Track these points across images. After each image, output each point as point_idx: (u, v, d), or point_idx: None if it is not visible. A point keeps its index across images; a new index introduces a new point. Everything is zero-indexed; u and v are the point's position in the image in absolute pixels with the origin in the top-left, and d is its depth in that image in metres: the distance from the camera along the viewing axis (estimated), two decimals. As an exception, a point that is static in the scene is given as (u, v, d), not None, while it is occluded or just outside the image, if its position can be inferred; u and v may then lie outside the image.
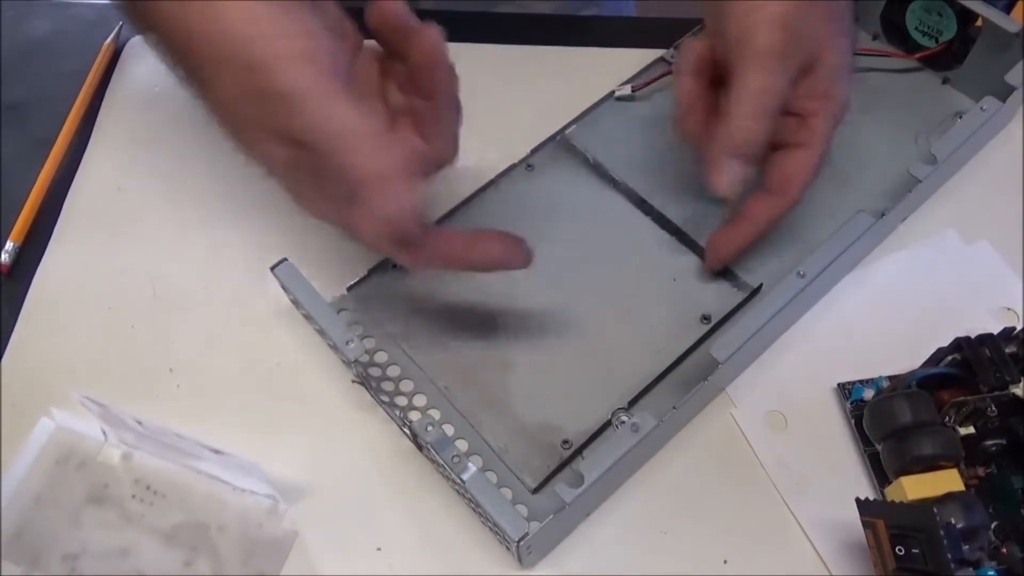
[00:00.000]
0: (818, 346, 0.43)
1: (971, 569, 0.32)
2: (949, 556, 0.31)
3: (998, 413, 0.36)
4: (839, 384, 0.41)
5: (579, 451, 0.40)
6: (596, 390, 0.41)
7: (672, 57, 0.51)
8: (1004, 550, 0.33)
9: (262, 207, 0.47)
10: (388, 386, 0.42)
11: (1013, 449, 0.36)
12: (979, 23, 0.47)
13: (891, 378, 0.41)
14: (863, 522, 0.35)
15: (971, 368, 0.37)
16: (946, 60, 0.50)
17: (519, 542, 0.34)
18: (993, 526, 0.34)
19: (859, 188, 0.46)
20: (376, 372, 0.43)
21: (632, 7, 0.70)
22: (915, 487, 0.35)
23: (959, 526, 0.33)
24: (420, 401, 0.42)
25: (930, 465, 0.36)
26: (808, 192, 0.42)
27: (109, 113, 0.53)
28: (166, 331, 0.45)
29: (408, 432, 0.39)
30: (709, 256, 0.44)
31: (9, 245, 0.48)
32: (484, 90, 0.52)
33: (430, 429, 0.37)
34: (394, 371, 0.43)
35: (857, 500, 0.35)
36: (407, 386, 0.42)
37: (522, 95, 0.52)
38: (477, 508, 0.36)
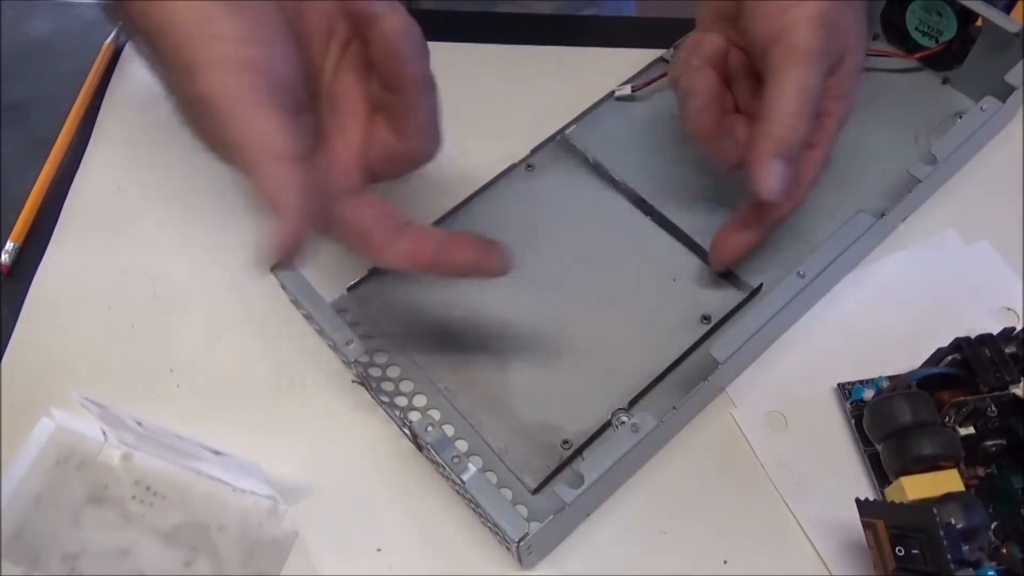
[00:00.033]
0: (818, 346, 0.43)
1: (971, 569, 0.32)
2: (949, 556, 0.31)
3: (998, 413, 0.36)
4: (839, 384, 0.41)
5: (579, 451, 0.40)
6: (596, 390, 0.41)
7: (672, 57, 0.51)
8: (1004, 550, 0.33)
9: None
10: (388, 386, 0.42)
11: (1013, 449, 0.36)
12: (979, 23, 0.47)
13: (891, 378, 0.41)
14: (863, 522, 0.35)
15: (971, 368, 0.37)
16: (946, 60, 0.50)
17: (519, 542, 0.34)
18: (993, 526, 0.34)
19: (859, 188, 0.46)
20: (376, 372, 0.43)
21: (632, 7, 0.70)
22: (915, 487, 0.35)
23: (959, 526, 0.33)
24: (420, 401, 0.42)
25: (930, 465, 0.36)
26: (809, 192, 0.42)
27: (109, 113, 0.53)
28: (166, 331, 0.45)
29: (408, 432, 0.39)
30: (714, 257, 0.43)
31: (9, 245, 0.48)
32: (484, 90, 0.53)
33: (430, 429, 0.37)
34: (394, 371, 0.43)
35: (857, 500, 0.35)
36: (407, 386, 0.42)
37: (522, 95, 0.52)
38: (477, 508, 0.36)
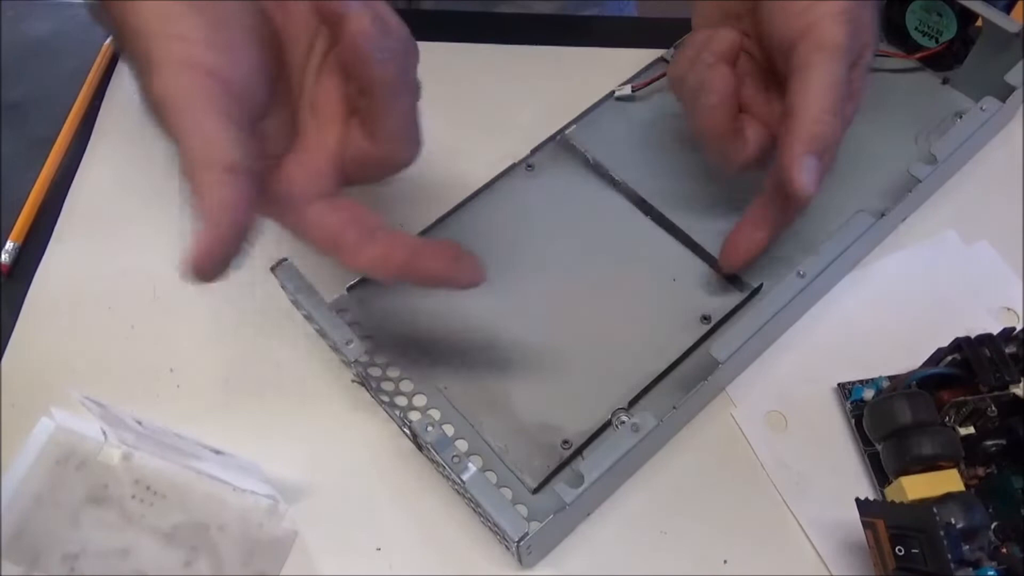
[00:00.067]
0: (818, 346, 0.43)
1: (971, 569, 0.32)
2: (949, 556, 0.31)
3: (998, 413, 0.36)
4: (839, 384, 0.41)
5: (579, 451, 0.40)
6: (596, 390, 0.41)
7: (672, 57, 0.51)
8: (1004, 550, 0.33)
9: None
10: (388, 386, 0.42)
11: (1013, 449, 0.36)
12: (979, 23, 0.48)
13: (891, 378, 0.41)
14: (863, 522, 0.35)
15: (971, 368, 0.37)
16: (946, 60, 0.50)
17: (519, 542, 0.34)
18: (993, 526, 0.34)
19: (859, 188, 0.46)
20: (376, 372, 0.43)
21: (633, 7, 0.70)
22: (915, 487, 0.35)
23: (959, 526, 0.33)
24: (420, 401, 0.42)
25: (930, 465, 0.36)
26: None
27: (109, 113, 0.53)
28: (166, 331, 0.45)
29: (408, 432, 0.39)
30: (726, 258, 0.43)
31: (9, 245, 0.48)
32: (484, 90, 0.53)
33: (430, 429, 0.37)
34: (394, 371, 0.43)
35: (857, 500, 0.35)
36: (407, 386, 0.42)
37: (522, 95, 0.52)
38: (477, 508, 0.36)
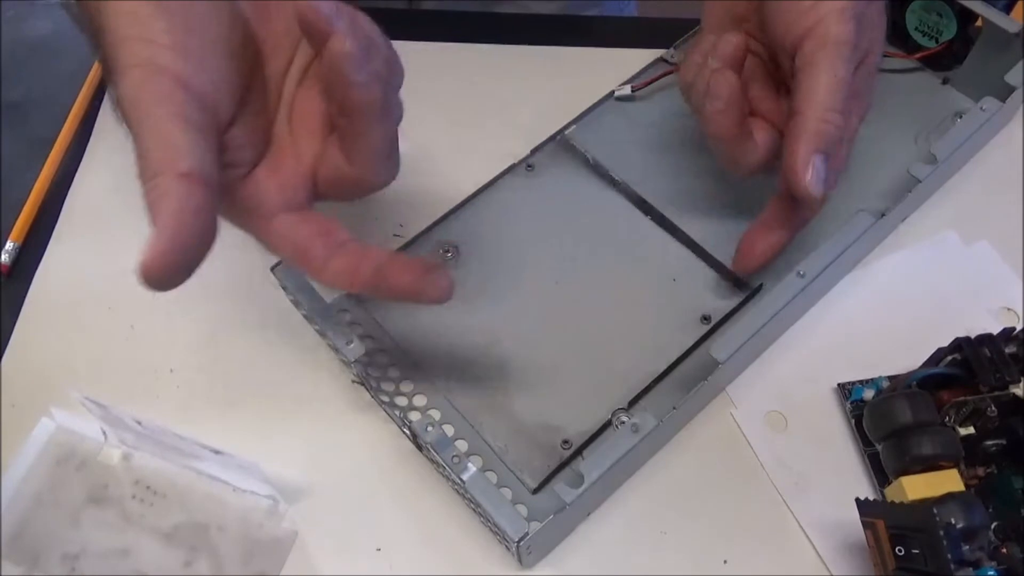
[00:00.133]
0: (818, 346, 0.43)
1: (971, 569, 0.32)
2: (949, 556, 0.31)
3: (998, 413, 0.36)
4: (839, 384, 0.41)
5: (579, 451, 0.40)
6: (596, 390, 0.41)
7: (672, 57, 0.51)
8: (1004, 550, 0.33)
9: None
10: (388, 386, 0.42)
11: (1013, 449, 0.36)
12: (979, 23, 0.48)
13: (891, 378, 0.41)
14: (863, 522, 0.35)
15: (971, 368, 0.37)
16: (946, 60, 0.50)
17: (519, 542, 0.34)
18: (993, 526, 0.34)
19: (859, 188, 0.46)
20: (376, 372, 0.42)
21: (633, 7, 0.70)
22: (915, 487, 0.35)
23: (959, 526, 0.33)
24: (420, 401, 0.42)
25: (930, 465, 0.36)
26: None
27: (109, 113, 0.53)
28: (166, 331, 0.45)
29: (408, 432, 0.39)
30: (741, 260, 0.43)
31: (9, 245, 0.48)
32: (484, 90, 0.53)
33: (430, 429, 0.37)
34: (394, 371, 0.43)
35: (857, 500, 0.35)
36: (407, 386, 0.42)
37: (522, 95, 0.52)
38: (477, 508, 0.36)
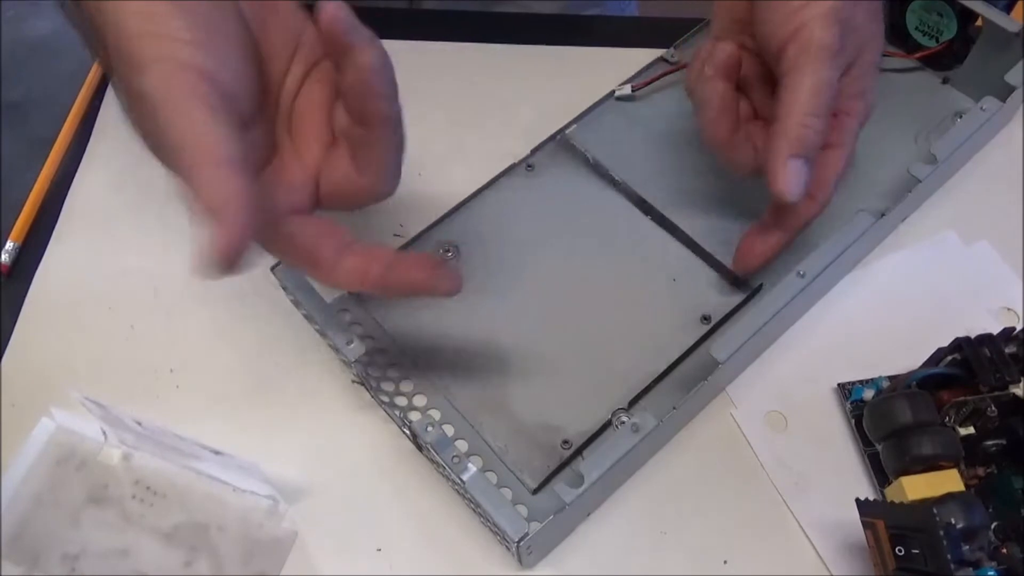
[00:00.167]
0: (818, 346, 0.43)
1: (971, 569, 0.32)
2: (949, 556, 0.31)
3: (998, 413, 0.36)
4: (839, 384, 0.41)
5: (579, 451, 0.40)
6: (596, 390, 0.41)
7: (672, 57, 0.51)
8: (1004, 550, 0.33)
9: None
10: (388, 386, 0.42)
11: (1013, 449, 0.36)
12: (979, 23, 0.47)
13: (891, 378, 0.41)
14: (863, 522, 0.35)
15: (971, 368, 0.37)
16: (946, 60, 0.50)
17: (519, 542, 0.34)
18: (993, 526, 0.34)
19: (859, 188, 0.46)
20: (376, 372, 0.43)
21: (634, 7, 0.70)
22: (915, 487, 0.35)
23: (959, 526, 0.33)
24: (420, 401, 0.42)
25: (930, 465, 0.36)
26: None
27: (109, 113, 0.53)
28: (166, 331, 0.45)
29: (408, 432, 0.39)
30: (741, 261, 0.43)
31: (9, 245, 0.48)
32: (484, 90, 0.53)
33: (430, 429, 0.37)
34: (394, 371, 0.43)
35: (857, 500, 0.35)
36: (407, 386, 0.42)
37: (522, 95, 0.52)
38: (477, 508, 0.36)
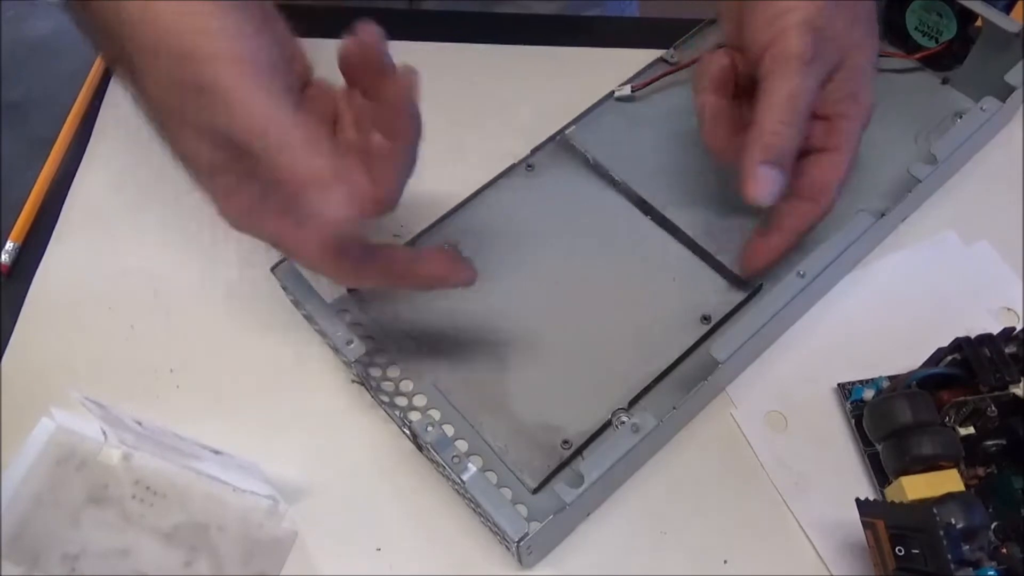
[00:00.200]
0: (818, 346, 0.43)
1: (971, 569, 0.32)
2: (949, 556, 0.31)
3: (998, 413, 0.36)
4: (839, 384, 0.41)
5: (579, 451, 0.40)
6: (596, 390, 0.41)
7: (672, 57, 0.51)
8: (1004, 550, 0.33)
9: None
10: (388, 386, 0.42)
11: (1013, 449, 0.36)
12: (979, 23, 0.47)
13: (891, 378, 0.41)
14: (863, 522, 0.35)
15: (971, 368, 0.37)
16: (946, 60, 0.50)
17: (519, 542, 0.34)
18: (993, 526, 0.34)
19: (859, 188, 0.46)
20: (376, 372, 0.43)
21: (635, 7, 0.70)
22: (915, 487, 0.35)
23: (959, 526, 0.33)
24: (420, 401, 0.42)
25: (930, 465, 0.36)
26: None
27: (109, 113, 0.53)
28: (166, 331, 0.45)
29: (408, 432, 0.39)
30: (746, 264, 0.43)
31: (9, 245, 0.48)
32: (484, 90, 0.53)
33: (430, 429, 0.37)
34: (394, 371, 0.43)
35: (857, 500, 0.35)
36: (407, 386, 0.42)
37: (522, 95, 0.52)
38: (477, 508, 0.36)
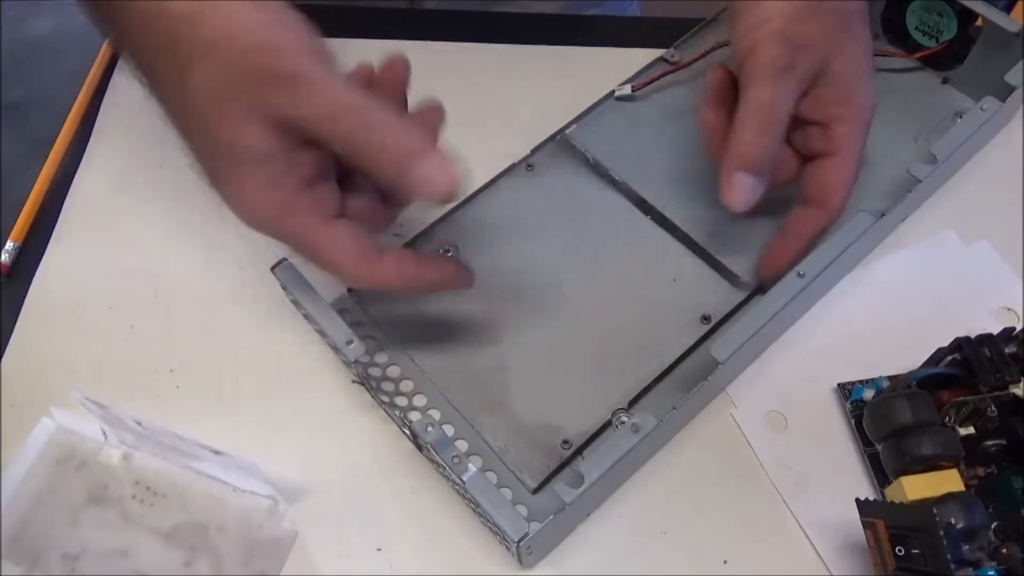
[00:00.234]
0: (818, 346, 0.43)
1: (971, 569, 0.32)
2: (949, 556, 0.31)
3: (998, 413, 0.36)
4: (839, 384, 0.41)
5: (579, 451, 0.40)
6: (596, 390, 0.41)
7: (672, 57, 0.51)
8: (1004, 550, 0.33)
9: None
10: (388, 386, 0.42)
11: (1013, 449, 0.36)
12: (979, 23, 0.47)
13: (891, 378, 0.41)
14: (863, 522, 0.35)
15: (971, 368, 0.37)
16: (946, 60, 0.50)
17: (519, 542, 0.34)
18: (993, 526, 0.34)
19: (859, 188, 0.46)
20: (376, 372, 0.43)
21: (636, 7, 0.70)
22: (915, 487, 0.35)
23: (959, 526, 0.33)
24: (420, 401, 0.42)
25: (930, 465, 0.36)
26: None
27: (109, 113, 0.53)
28: (166, 331, 0.45)
29: (408, 432, 0.39)
30: (766, 269, 0.44)
31: (9, 245, 0.48)
32: (484, 90, 0.53)
33: (430, 429, 0.37)
34: (394, 371, 0.43)
35: (857, 500, 0.35)
36: (407, 386, 0.42)
37: (522, 95, 0.52)
38: (477, 508, 0.36)
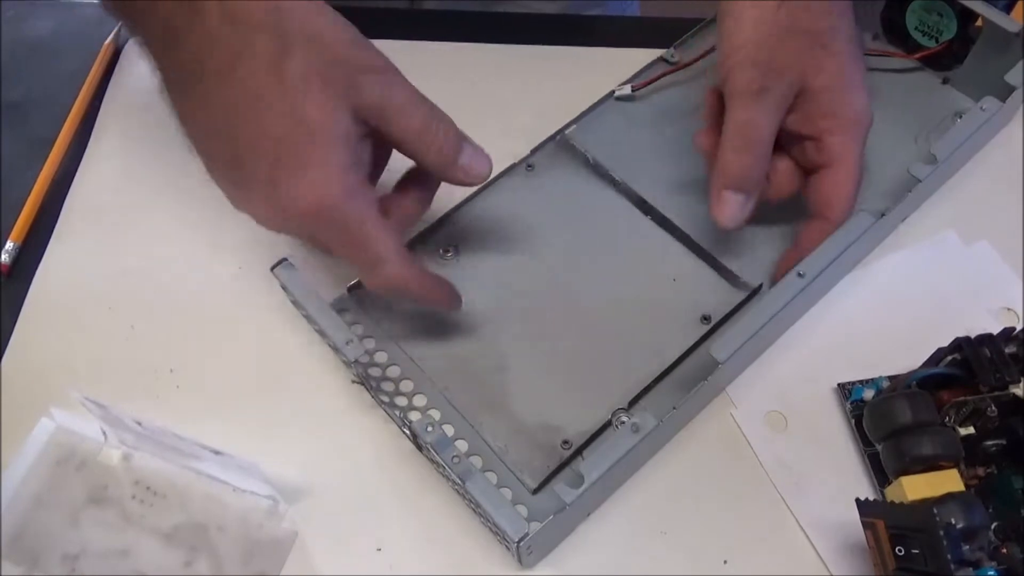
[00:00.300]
0: (818, 346, 0.43)
1: (971, 569, 0.32)
2: (949, 556, 0.31)
3: (998, 413, 0.36)
4: (839, 384, 0.41)
5: (579, 451, 0.40)
6: (596, 390, 0.41)
7: (672, 57, 0.51)
8: (1004, 550, 0.33)
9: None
10: (388, 386, 0.42)
11: (1013, 449, 0.36)
12: (979, 23, 0.47)
13: (891, 378, 0.41)
14: (863, 522, 0.35)
15: (971, 368, 0.37)
16: (946, 60, 0.50)
17: (519, 542, 0.34)
18: (993, 526, 0.34)
19: (859, 188, 0.46)
20: (376, 372, 0.43)
21: (636, 7, 0.70)
22: (915, 487, 0.35)
23: (959, 526, 0.33)
24: (420, 401, 0.42)
25: (930, 465, 0.36)
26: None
27: (109, 113, 0.53)
28: (166, 331, 0.45)
29: (408, 432, 0.39)
30: (775, 282, 0.44)
31: (9, 245, 0.48)
32: (484, 90, 0.53)
33: (430, 429, 0.37)
34: (394, 371, 0.43)
35: (857, 500, 0.35)
36: (407, 386, 0.42)
37: (522, 95, 0.52)
38: (477, 508, 0.36)
